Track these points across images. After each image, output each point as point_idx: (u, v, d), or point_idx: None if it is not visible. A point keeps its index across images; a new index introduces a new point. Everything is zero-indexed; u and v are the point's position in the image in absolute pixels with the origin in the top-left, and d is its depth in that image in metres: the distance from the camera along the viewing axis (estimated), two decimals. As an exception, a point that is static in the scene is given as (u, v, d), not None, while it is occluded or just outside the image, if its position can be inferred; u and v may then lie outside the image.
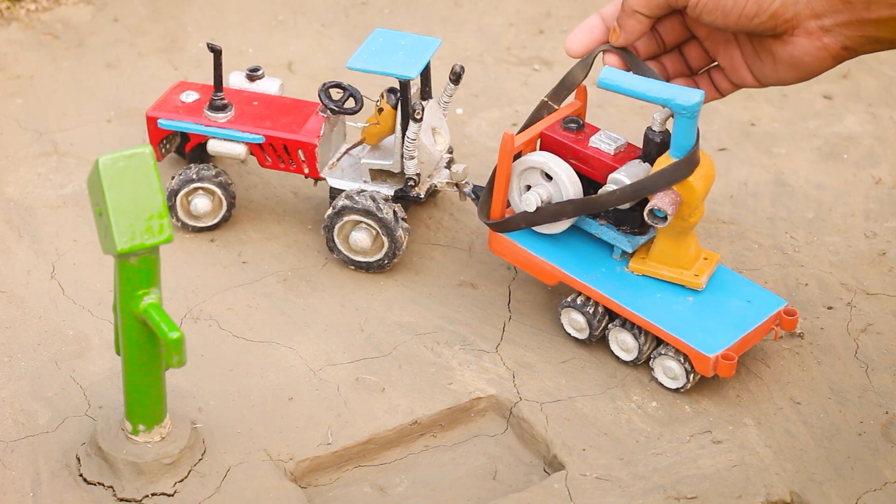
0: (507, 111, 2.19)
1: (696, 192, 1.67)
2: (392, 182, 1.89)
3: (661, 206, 1.66)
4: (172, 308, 1.80)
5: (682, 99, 1.64)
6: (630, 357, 1.75)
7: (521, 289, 1.87)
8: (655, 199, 1.67)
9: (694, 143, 1.66)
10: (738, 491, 1.61)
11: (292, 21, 2.37)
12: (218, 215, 1.94)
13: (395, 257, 1.87)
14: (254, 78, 1.97)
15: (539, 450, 1.67)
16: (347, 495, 1.62)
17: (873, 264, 1.92)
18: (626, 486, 1.61)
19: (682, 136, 1.65)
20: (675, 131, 1.66)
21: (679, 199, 1.67)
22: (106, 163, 1.45)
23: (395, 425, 1.68)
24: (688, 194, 1.67)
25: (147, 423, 1.59)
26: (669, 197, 1.66)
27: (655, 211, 1.67)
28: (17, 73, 2.22)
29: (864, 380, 1.75)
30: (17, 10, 2.35)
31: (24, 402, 1.69)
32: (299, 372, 1.74)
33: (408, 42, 1.85)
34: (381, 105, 1.86)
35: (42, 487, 1.59)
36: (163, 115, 1.93)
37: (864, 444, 1.67)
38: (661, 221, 1.67)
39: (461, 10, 2.41)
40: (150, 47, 2.29)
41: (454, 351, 1.78)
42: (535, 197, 1.76)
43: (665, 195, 1.66)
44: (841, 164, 2.10)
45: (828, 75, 2.29)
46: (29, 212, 1.96)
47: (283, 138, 1.89)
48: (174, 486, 1.59)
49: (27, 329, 1.78)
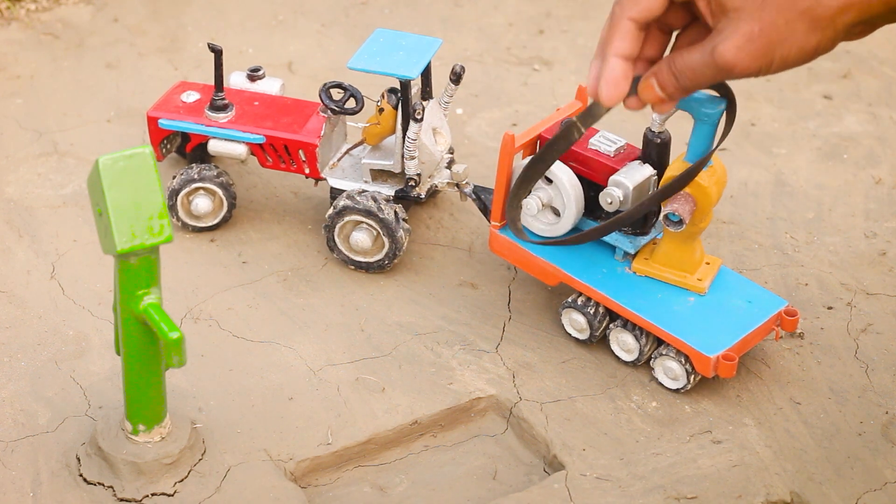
0: (507, 111, 2.19)
1: (710, 198, 1.67)
2: (393, 182, 1.89)
3: (679, 210, 1.65)
4: (172, 308, 1.80)
5: (703, 105, 1.63)
6: (631, 357, 1.75)
7: (521, 289, 1.87)
8: (673, 203, 1.66)
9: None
10: (738, 491, 1.61)
11: (292, 21, 2.37)
12: (218, 215, 1.94)
13: (395, 258, 1.87)
14: (254, 78, 1.97)
15: (539, 450, 1.67)
16: (347, 495, 1.62)
17: (873, 264, 1.92)
18: (626, 486, 1.61)
19: (700, 141, 1.65)
20: (693, 136, 1.65)
21: (695, 205, 1.67)
22: (106, 163, 1.45)
23: (395, 425, 1.68)
24: (703, 199, 1.67)
25: (147, 423, 1.59)
26: (687, 202, 1.66)
27: (671, 215, 1.66)
28: (17, 73, 2.22)
29: (864, 380, 1.75)
30: (17, 10, 2.35)
31: (24, 402, 1.69)
32: (299, 372, 1.74)
33: (408, 42, 1.85)
34: (382, 105, 1.86)
35: (42, 487, 1.59)
36: (163, 115, 1.93)
37: (864, 444, 1.67)
38: (677, 226, 1.66)
39: (461, 10, 2.41)
40: (150, 47, 2.29)
41: (454, 351, 1.78)
42: (536, 201, 1.76)
43: (684, 200, 1.66)
44: (841, 164, 2.10)
45: (828, 75, 2.29)
46: (29, 212, 1.96)
47: (284, 138, 1.89)
48: (174, 486, 1.59)
49: (27, 329, 1.78)
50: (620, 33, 1.44)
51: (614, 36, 1.44)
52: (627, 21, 1.43)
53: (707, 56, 1.40)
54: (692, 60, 1.42)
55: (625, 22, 1.43)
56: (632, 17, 1.43)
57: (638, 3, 1.43)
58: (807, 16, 1.35)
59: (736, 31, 1.39)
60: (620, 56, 1.44)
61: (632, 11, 1.43)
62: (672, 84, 1.44)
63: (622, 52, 1.44)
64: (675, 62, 1.43)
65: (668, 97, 1.45)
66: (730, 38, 1.38)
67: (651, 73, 1.46)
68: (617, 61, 1.44)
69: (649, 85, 1.45)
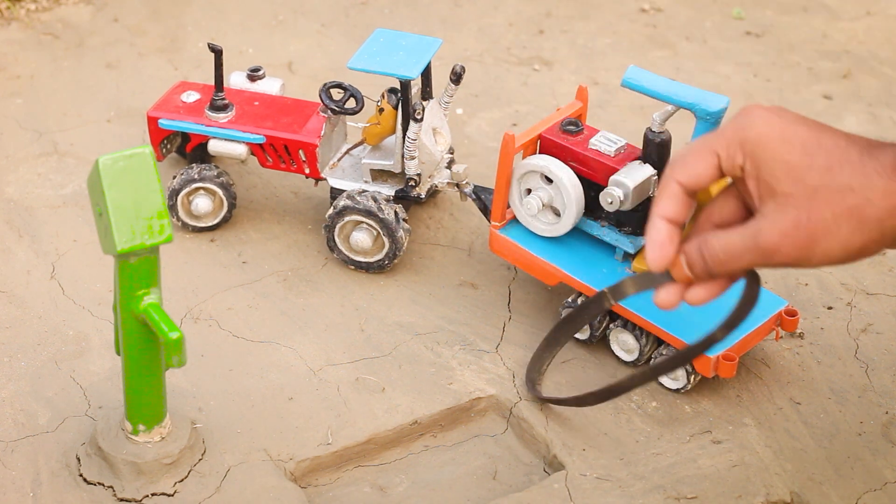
0: (507, 111, 2.19)
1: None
2: (393, 182, 1.89)
3: None
4: (172, 308, 1.80)
5: (706, 104, 1.63)
6: (631, 357, 1.75)
7: (521, 289, 1.87)
8: None
9: None
10: (738, 491, 1.61)
11: (292, 21, 2.37)
12: (218, 215, 1.94)
13: (395, 258, 1.87)
14: (255, 78, 1.97)
15: (539, 450, 1.67)
16: (347, 495, 1.62)
17: (873, 264, 1.92)
18: (626, 486, 1.61)
19: None
20: (695, 136, 1.65)
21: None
22: (106, 163, 1.45)
23: (395, 425, 1.68)
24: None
25: (147, 423, 1.59)
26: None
27: None
28: (17, 73, 2.22)
29: (864, 380, 1.75)
30: (17, 10, 2.35)
31: (24, 402, 1.69)
32: (299, 372, 1.74)
33: (408, 42, 1.85)
34: (382, 105, 1.86)
35: (42, 487, 1.59)
36: (164, 115, 1.93)
37: (864, 444, 1.67)
38: None
39: (461, 10, 2.41)
40: (150, 47, 2.29)
41: (454, 351, 1.78)
42: (536, 201, 1.76)
43: None
44: (841, 165, 2.10)
45: (828, 75, 2.29)
46: (29, 212, 1.96)
47: (284, 138, 1.89)
48: (174, 486, 1.59)
49: (27, 329, 1.78)
50: (668, 194, 1.40)
51: (662, 196, 1.41)
52: (675, 184, 1.39)
53: (749, 239, 1.36)
54: (731, 242, 1.37)
55: (672, 184, 1.40)
56: (679, 181, 1.39)
57: (687, 169, 1.39)
58: (854, 214, 1.30)
59: (784, 217, 1.34)
60: (666, 218, 1.40)
61: (681, 175, 1.39)
62: (699, 264, 1.40)
63: (668, 214, 1.40)
64: (710, 242, 1.39)
65: (695, 278, 1.40)
66: (776, 223, 1.34)
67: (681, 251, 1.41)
68: (662, 223, 1.40)
69: (678, 262, 1.41)
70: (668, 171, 1.40)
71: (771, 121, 1.36)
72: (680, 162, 1.39)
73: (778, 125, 1.35)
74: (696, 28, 2.42)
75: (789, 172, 1.33)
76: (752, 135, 1.35)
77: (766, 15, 2.46)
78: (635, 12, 2.45)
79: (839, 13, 2.47)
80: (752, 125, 1.36)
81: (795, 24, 2.44)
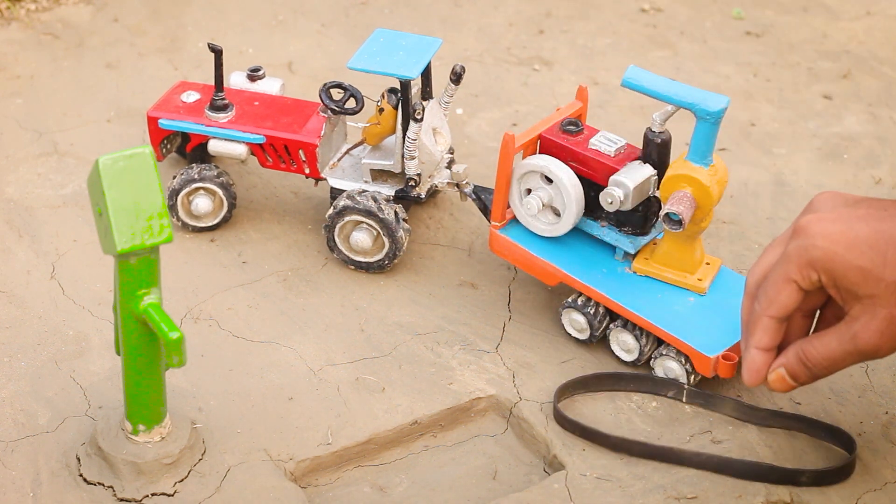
0: (507, 111, 2.19)
1: (712, 198, 1.67)
2: (393, 182, 1.89)
3: (678, 210, 1.65)
4: (172, 308, 1.80)
5: (706, 104, 1.63)
6: (631, 358, 1.75)
7: (521, 289, 1.87)
8: (673, 202, 1.66)
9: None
10: (738, 491, 1.61)
11: (292, 21, 2.37)
12: (218, 215, 1.94)
13: (395, 258, 1.87)
14: (255, 78, 1.97)
15: (539, 450, 1.67)
16: (347, 495, 1.62)
17: (873, 264, 1.92)
18: (626, 486, 1.61)
19: (702, 140, 1.65)
20: (695, 135, 1.65)
21: (696, 204, 1.67)
22: (106, 163, 1.45)
23: (395, 425, 1.68)
24: (704, 199, 1.67)
25: (147, 424, 1.59)
26: (688, 201, 1.66)
27: (672, 215, 1.66)
28: (17, 73, 2.22)
29: (864, 380, 1.75)
30: (17, 10, 2.35)
31: (24, 402, 1.69)
32: (299, 372, 1.74)
33: (408, 42, 1.85)
34: (382, 105, 1.86)
35: (42, 487, 1.59)
36: (164, 115, 1.93)
37: (864, 444, 1.67)
38: (677, 226, 1.66)
39: (461, 10, 2.41)
40: (150, 47, 2.29)
41: (454, 351, 1.78)
42: (536, 201, 1.76)
43: (684, 200, 1.66)
44: (841, 164, 2.10)
45: (828, 75, 2.29)
46: (29, 212, 1.96)
47: (284, 138, 1.89)
48: (174, 486, 1.59)
49: (27, 329, 1.78)
50: (762, 328, 1.52)
51: (756, 330, 1.52)
52: (768, 319, 1.50)
53: (848, 343, 1.46)
54: (831, 349, 1.48)
55: (765, 320, 1.51)
56: (772, 316, 1.50)
57: (776, 304, 1.49)
58: None
59: (875, 317, 1.43)
60: (761, 349, 1.52)
61: (772, 311, 1.50)
62: (804, 374, 1.51)
63: (763, 345, 1.52)
64: (807, 352, 1.50)
65: (799, 384, 1.52)
66: (870, 324, 1.44)
67: (779, 364, 1.53)
68: (758, 353, 1.53)
69: (780, 376, 1.53)
70: (757, 307, 1.50)
71: (829, 233, 1.44)
72: (765, 298, 1.49)
73: (838, 234, 1.44)
74: (696, 28, 2.42)
75: (866, 277, 1.42)
76: (818, 254, 1.44)
77: (766, 15, 2.46)
78: (635, 12, 2.45)
79: (839, 13, 2.47)
80: (815, 244, 1.44)
81: (795, 24, 2.44)
